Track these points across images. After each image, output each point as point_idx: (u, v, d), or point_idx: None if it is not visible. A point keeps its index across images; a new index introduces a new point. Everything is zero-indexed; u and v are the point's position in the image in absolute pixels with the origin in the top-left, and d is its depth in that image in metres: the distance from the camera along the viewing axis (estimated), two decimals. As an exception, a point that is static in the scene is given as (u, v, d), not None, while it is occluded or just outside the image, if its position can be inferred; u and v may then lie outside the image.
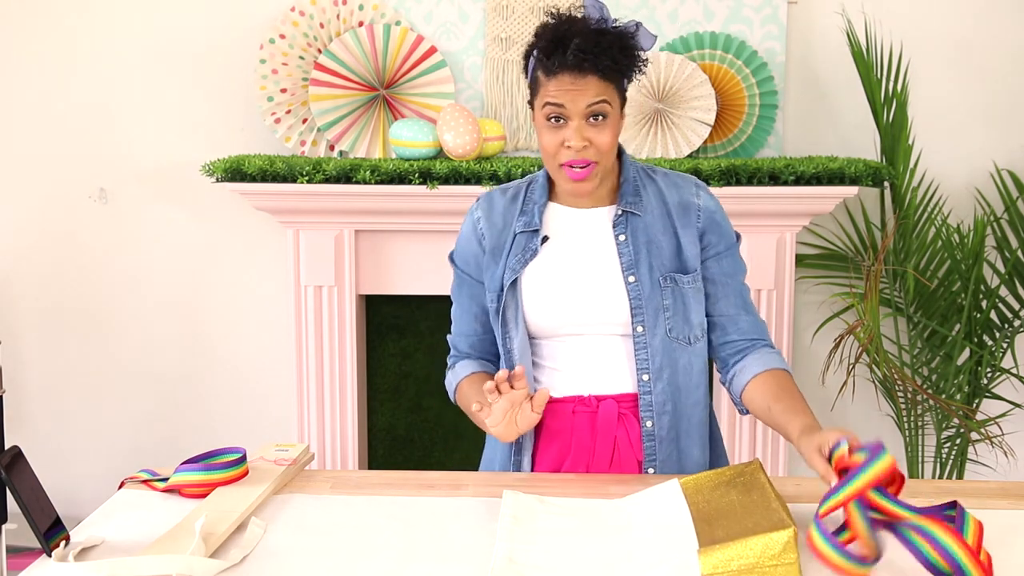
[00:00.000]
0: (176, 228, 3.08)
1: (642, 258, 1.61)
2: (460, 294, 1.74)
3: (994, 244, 2.91)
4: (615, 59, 1.52)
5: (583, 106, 1.52)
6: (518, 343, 1.63)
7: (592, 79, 1.51)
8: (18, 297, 3.12)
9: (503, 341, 1.65)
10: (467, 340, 1.74)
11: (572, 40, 1.50)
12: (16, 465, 1.24)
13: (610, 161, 1.59)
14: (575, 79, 1.51)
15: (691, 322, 1.63)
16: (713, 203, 1.66)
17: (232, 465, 1.45)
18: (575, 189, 1.59)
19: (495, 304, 1.65)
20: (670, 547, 1.22)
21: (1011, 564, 1.22)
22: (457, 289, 1.75)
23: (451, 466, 3.03)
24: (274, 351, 3.10)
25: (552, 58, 1.51)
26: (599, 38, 1.51)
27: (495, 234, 1.66)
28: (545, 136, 1.56)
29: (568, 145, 1.53)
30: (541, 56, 1.53)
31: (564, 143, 1.54)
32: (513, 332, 1.64)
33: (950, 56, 2.97)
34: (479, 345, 1.74)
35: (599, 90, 1.52)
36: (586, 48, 1.49)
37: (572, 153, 1.54)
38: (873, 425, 3.12)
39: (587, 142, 1.53)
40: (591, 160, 1.55)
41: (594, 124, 1.53)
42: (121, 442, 3.17)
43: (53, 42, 3.01)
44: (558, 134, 1.54)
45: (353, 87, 2.91)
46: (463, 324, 1.74)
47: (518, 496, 1.40)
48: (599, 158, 1.55)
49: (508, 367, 1.66)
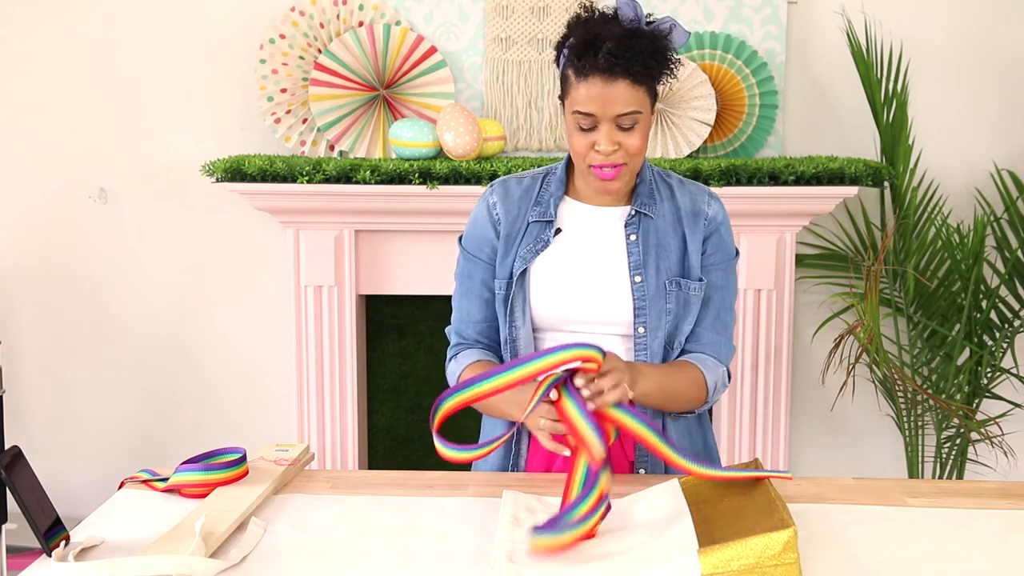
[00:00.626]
0: (176, 228, 3.08)
1: (650, 260, 1.61)
2: (470, 279, 1.69)
3: (994, 244, 2.91)
4: (646, 64, 1.51)
5: (613, 114, 1.51)
6: (524, 334, 1.63)
7: (622, 83, 1.50)
8: (18, 297, 3.12)
9: (509, 331, 1.65)
10: (476, 327, 1.69)
11: (604, 43, 1.49)
12: (16, 465, 1.24)
13: (639, 162, 1.59)
14: (605, 83, 1.49)
15: (682, 329, 1.64)
16: (722, 215, 1.67)
17: (232, 465, 1.45)
18: (603, 188, 1.58)
19: (503, 292, 1.65)
20: (670, 547, 1.22)
21: (1011, 564, 1.22)
22: (467, 275, 1.70)
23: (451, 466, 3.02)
24: (274, 351, 3.10)
25: (583, 60, 1.50)
26: (631, 42, 1.49)
27: (509, 220, 1.66)
28: (575, 138, 1.56)
29: (598, 149, 1.53)
30: (572, 56, 1.53)
31: (594, 146, 1.54)
32: (520, 322, 1.63)
33: (950, 56, 2.97)
34: (488, 331, 1.69)
35: (629, 98, 1.50)
36: (617, 53, 1.48)
37: (602, 157, 1.54)
38: (873, 425, 3.12)
39: (617, 146, 1.53)
40: (620, 162, 1.55)
41: (624, 130, 1.53)
42: (121, 442, 3.17)
43: (53, 42, 3.01)
44: (588, 137, 1.54)
45: (353, 87, 2.91)
46: (472, 310, 1.69)
47: (518, 496, 1.40)
48: (628, 160, 1.55)
49: (511, 356, 1.65)
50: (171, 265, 3.10)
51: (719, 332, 1.66)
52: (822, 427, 3.14)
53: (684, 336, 1.64)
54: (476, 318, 1.69)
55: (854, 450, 3.15)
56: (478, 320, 1.69)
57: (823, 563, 1.20)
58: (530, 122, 2.96)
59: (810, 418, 3.13)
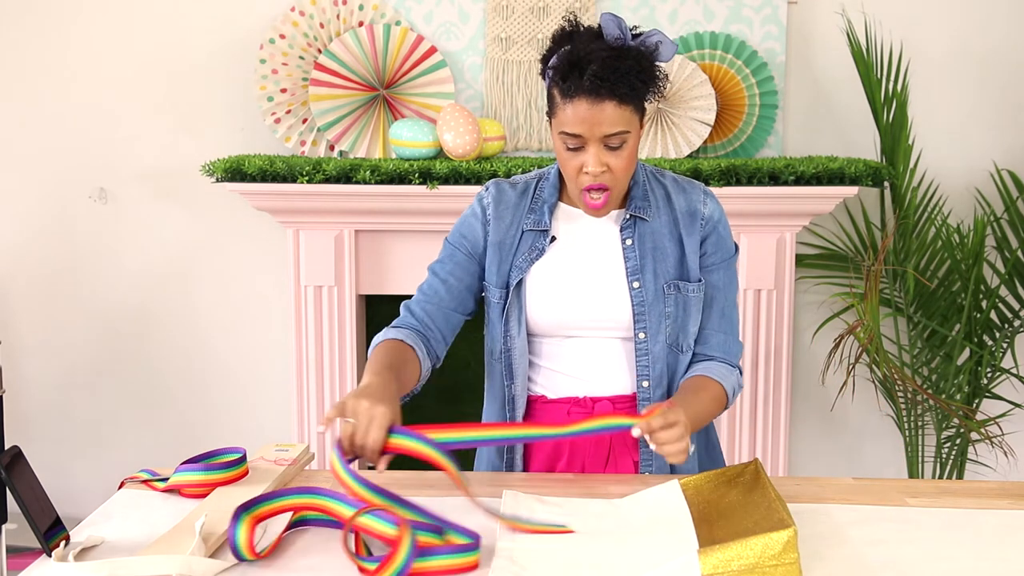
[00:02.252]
0: (176, 228, 3.08)
1: (647, 264, 1.61)
2: (441, 265, 1.67)
3: (994, 244, 2.91)
4: (632, 85, 1.49)
5: (599, 135, 1.50)
6: (519, 343, 1.63)
7: (609, 105, 1.48)
8: (18, 297, 3.12)
9: (503, 340, 1.65)
10: (424, 304, 1.64)
11: (589, 65, 1.47)
12: (16, 465, 1.24)
13: (627, 182, 1.59)
14: (591, 104, 1.48)
15: (688, 330, 1.63)
16: (718, 212, 1.66)
17: (232, 465, 1.45)
18: (592, 213, 1.59)
19: (500, 302, 1.64)
20: (670, 547, 1.22)
21: (1011, 564, 1.22)
22: (439, 262, 1.67)
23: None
24: (274, 351, 3.10)
25: (568, 81, 1.49)
26: (616, 63, 1.47)
27: (503, 227, 1.65)
28: (563, 156, 1.55)
29: (587, 171, 1.53)
30: (557, 78, 1.51)
31: (583, 168, 1.53)
32: (515, 331, 1.63)
33: (950, 56, 2.97)
34: (435, 313, 1.64)
35: (616, 119, 1.49)
36: (603, 75, 1.46)
37: (590, 178, 1.53)
38: (873, 425, 3.12)
39: (605, 167, 1.52)
40: (607, 187, 1.54)
41: (612, 149, 1.52)
42: (121, 442, 3.17)
43: (53, 42, 3.01)
44: (576, 158, 1.53)
45: (353, 87, 2.91)
46: (428, 290, 1.65)
47: (518, 496, 1.40)
48: (614, 184, 1.55)
49: (505, 366, 1.65)
50: (171, 265, 3.10)
51: (726, 331, 1.66)
52: (822, 427, 3.14)
53: (691, 338, 1.64)
54: (429, 295, 1.65)
55: (854, 450, 3.15)
56: (430, 296, 1.64)
57: (823, 563, 1.20)
58: (530, 122, 2.96)
59: (810, 418, 3.13)
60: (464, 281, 1.66)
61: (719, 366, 1.63)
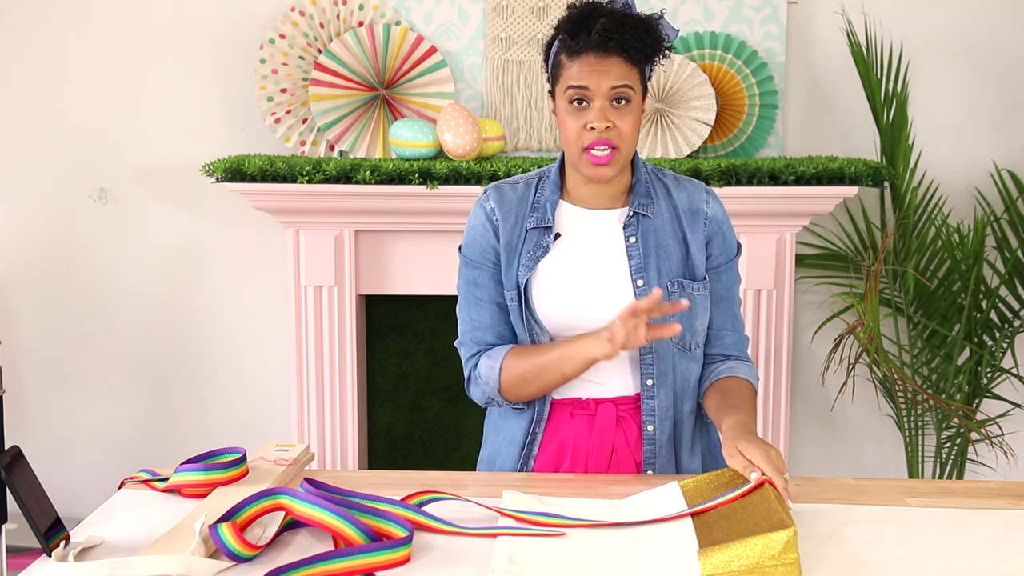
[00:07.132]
0: (176, 228, 3.08)
1: (651, 262, 1.60)
2: (477, 287, 1.64)
3: (994, 244, 2.91)
4: (640, 39, 1.52)
5: (607, 88, 1.51)
6: (545, 339, 1.61)
7: (616, 60, 1.51)
8: (18, 297, 3.12)
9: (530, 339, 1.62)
10: (493, 331, 1.63)
11: (598, 20, 1.50)
12: (16, 465, 1.24)
13: (631, 150, 1.57)
14: (599, 59, 1.50)
15: (695, 328, 1.63)
16: (721, 212, 1.66)
17: (232, 465, 1.45)
18: (596, 174, 1.55)
19: (515, 303, 1.62)
20: (670, 548, 1.22)
21: (1011, 564, 1.22)
22: (472, 283, 1.65)
23: (451, 466, 3.03)
24: (274, 351, 3.10)
25: (577, 38, 1.51)
26: (624, 20, 1.51)
27: (508, 228, 1.63)
28: (567, 121, 1.54)
29: (591, 127, 1.52)
30: (566, 37, 1.53)
31: (587, 125, 1.52)
32: (537, 328, 1.61)
33: (950, 56, 2.97)
34: (505, 334, 1.63)
35: (623, 73, 1.51)
36: (611, 28, 1.49)
37: (595, 135, 1.52)
38: (873, 425, 3.12)
39: (610, 123, 1.52)
40: (613, 144, 1.53)
41: (617, 107, 1.52)
42: (121, 442, 3.17)
43: (53, 42, 3.01)
44: (581, 117, 1.53)
45: (353, 87, 2.91)
46: (483, 317, 1.64)
47: (518, 496, 1.40)
48: (621, 143, 1.53)
49: None
50: (171, 265, 3.10)
51: (737, 329, 1.68)
52: (822, 427, 3.14)
53: (699, 337, 1.64)
54: (492, 323, 1.64)
55: (854, 450, 3.15)
56: (495, 324, 1.64)
57: (823, 563, 1.20)
58: (530, 122, 2.96)
59: (810, 418, 3.13)
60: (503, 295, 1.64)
61: (743, 365, 1.65)
